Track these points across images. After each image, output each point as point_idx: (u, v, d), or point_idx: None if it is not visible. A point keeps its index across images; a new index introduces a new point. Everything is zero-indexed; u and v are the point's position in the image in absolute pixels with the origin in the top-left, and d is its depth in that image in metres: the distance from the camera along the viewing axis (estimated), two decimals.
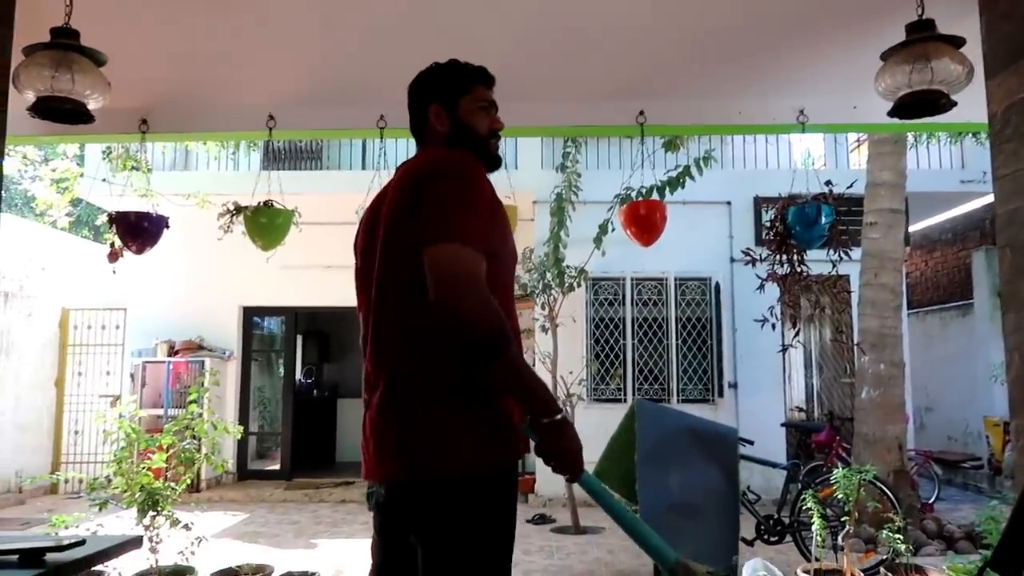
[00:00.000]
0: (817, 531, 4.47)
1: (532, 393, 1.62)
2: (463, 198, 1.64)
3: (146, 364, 8.70)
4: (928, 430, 10.21)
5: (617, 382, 8.50)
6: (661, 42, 2.99)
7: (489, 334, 1.52)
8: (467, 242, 1.57)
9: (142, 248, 3.52)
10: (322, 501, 8.18)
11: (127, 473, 4.33)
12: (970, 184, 8.77)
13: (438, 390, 1.62)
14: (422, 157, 1.84)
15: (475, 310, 1.52)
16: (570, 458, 1.64)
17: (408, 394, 1.64)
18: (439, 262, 1.55)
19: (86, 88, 2.57)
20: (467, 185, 1.67)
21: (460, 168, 1.70)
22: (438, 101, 1.89)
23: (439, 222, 1.59)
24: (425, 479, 1.61)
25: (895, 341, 6.58)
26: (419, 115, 1.93)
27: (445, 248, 1.56)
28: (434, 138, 1.89)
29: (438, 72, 1.94)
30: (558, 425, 1.62)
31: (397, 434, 1.64)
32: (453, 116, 1.88)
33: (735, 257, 8.15)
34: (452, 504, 1.59)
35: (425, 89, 1.93)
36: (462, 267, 1.55)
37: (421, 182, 1.68)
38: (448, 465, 1.60)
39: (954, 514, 7.00)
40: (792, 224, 3.32)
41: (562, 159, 7.78)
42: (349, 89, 3.36)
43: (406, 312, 1.65)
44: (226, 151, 9.20)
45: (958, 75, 2.43)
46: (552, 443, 1.62)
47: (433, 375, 1.62)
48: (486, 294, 1.55)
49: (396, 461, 1.65)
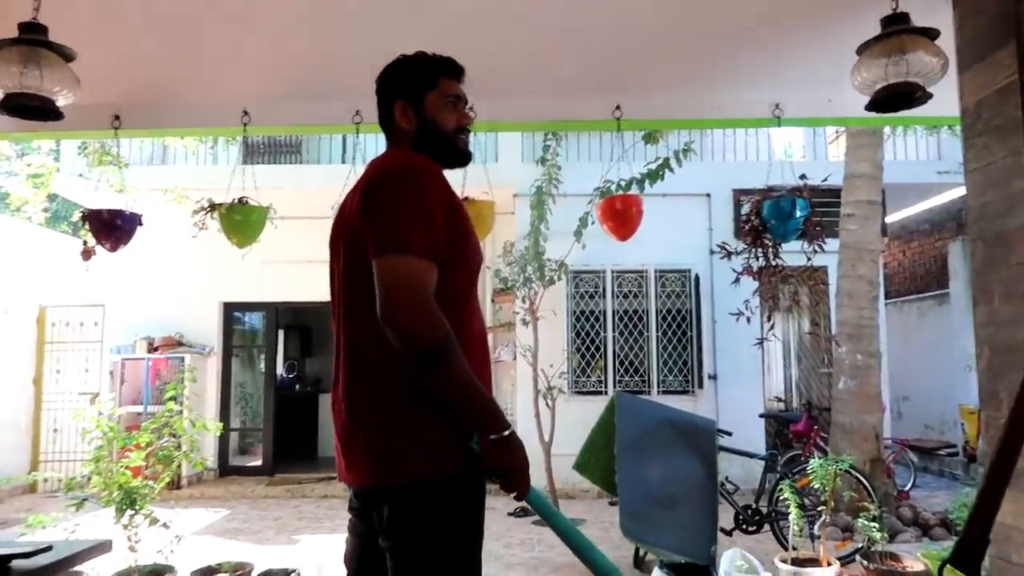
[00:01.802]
0: (794, 520, 4.52)
1: (476, 408, 1.59)
2: (410, 206, 1.62)
3: (125, 361, 8.62)
4: (905, 418, 10.34)
5: (598, 374, 8.54)
6: (637, 37, 3.00)
7: (426, 350, 1.51)
8: (412, 252, 1.56)
9: (116, 246, 3.48)
10: (304, 497, 8.16)
11: (105, 472, 4.29)
12: (947, 175, 8.87)
13: (399, 395, 1.61)
14: (379, 161, 1.81)
15: (412, 322, 1.52)
16: (518, 476, 1.61)
17: (370, 400, 1.64)
18: (381, 274, 1.56)
19: (55, 84, 2.53)
20: (415, 192, 1.64)
21: (408, 174, 1.68)
22: (403, 97, 1.84)
23: (384, 232, 1.59)
24: (390, 484, 1.60)
25: (872, 331, 6.65)
26: (386, 112, 1.88)
27: (387, 260, 1.56)
28: (401, 136, 1.85)
29: (403, 66, 1.88)
30: (505, 441, 1.58)
31: (362, 439, 1.64)
32: (419, 113, 1.83)
33: (714, 249, 8.19)
34: (417, 508, 1.59)
35: (391, 84, 1.88)
36: (402, 279, 1.54)
37: (371, 189, 1.67)
38: (411, 470, 1.59)
39: (930, 501, 7.11)
40: (768, 218, 3.34)
41: (542, 152, 7.78)
42: (324, 84, 3.34)
43: (365, 320, 1.62)
44: (204, 145, 9.11)
45: (933, 67, 2.45)
46: (498, 460, 1.59)
47: (394, 381, 1.61)
48: (427, 305, 1.54)
49: (362, 466, 1.65)
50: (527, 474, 1.63)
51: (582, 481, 5.57)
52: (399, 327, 1.52)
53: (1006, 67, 2.18)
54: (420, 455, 1.59)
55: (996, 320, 2.24)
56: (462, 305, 1.70)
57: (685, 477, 4.36)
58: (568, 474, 5.26)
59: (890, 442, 7.82)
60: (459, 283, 1.69)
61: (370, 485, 1.66)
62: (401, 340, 1.52)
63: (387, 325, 1.53)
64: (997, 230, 2.23)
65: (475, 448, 1.61)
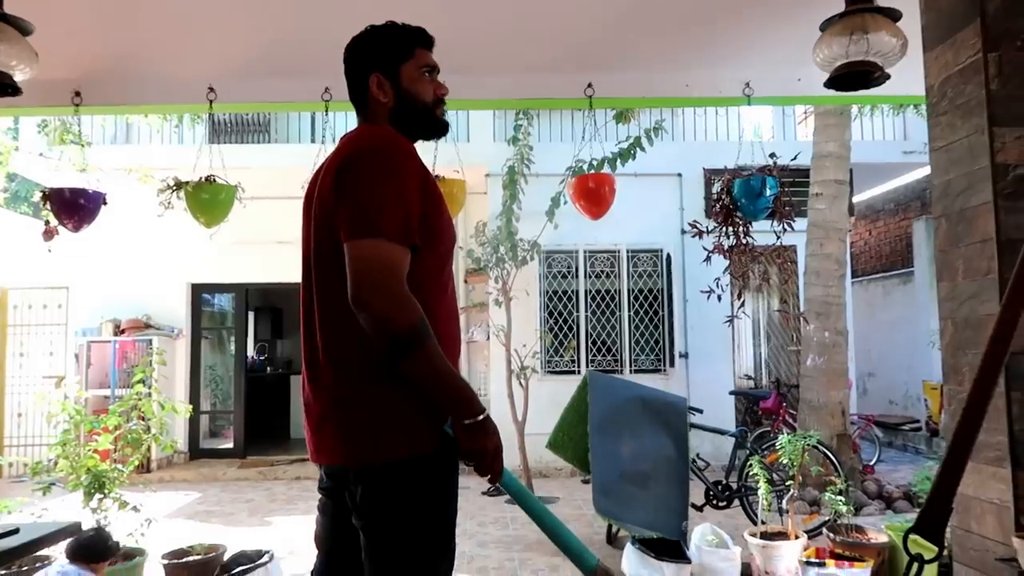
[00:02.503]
0: (763, 495, 4.61)
1: (450, 392, 1.58)
2: (385, 188, 1.58)
3: (91, 344, 8.47)
4: (870, 395, 10.56)
5: (571, 354, 8.58)
6: (609, 15, 2.99)
7: (398, 333, 1.50)
8: (384, 235, 1.54)
9: (79, 225, 3.41)
10: (276, 478, 8.12)
11: (72, 456, 4.23)
12: (912, 155, 9.00)
13: (369, 375, 1.59)
14: (351, 137, 1.76)
15: (384, 309, 1.50)
16: (491, 460, 1.61)
17: (340, 379, 1.62)
18: (353, 258, 1.54)
19: (11, 59, 2.47)
20: (389, 173, 1.60)
21: (381, 153, 1.63)
22: (378, 69, 1.78)
23: (357, 215, 1.56)
24: (363, 463, 1.59)
25: (839, 309, 6.76)
26: (359, 85, 1.82)
27: (360, 244, 1.54)
28: (377, 111, 1.80)
29: (375, 36, 1.81)
30: (479, 426, 1.58)
31: (335, 419, 1.62)
32: (396, 85, 1.78)
33: (685, 229, 8.25)
34: (391, 487, 1.58)
35: (363, 56, 1.81)
36: (375, 264, 1.52)
37: (343, 168, 1.63)
38: (385, 449, 1.58)
39: (893, 475, 7.28)
40: (738, 196, 3.37)
41: (514, 132, 7.74)
42: (293, 61, 3.29)
43: (335, 300, 1.60)
44: (169, 124, 8.92)
45: (892, 48, 2.48)
46: (472, 444, 1.58)
47: (364, 361, 1.59)
48: (400, 291, 1.52)
49: (334, 446, 1.64)
50: (500, 458, 1.63)
51: (555, 460, 5.61)
52: (371, 312, 1.50)
53: (970, 46, 2.21)
54: (394, 434, 1.58)
55: (958, 295, 2.29)
56: (435, 285, 1.69)
57: (657, 454, 4.41)
58: (541, 453, 5.29)
59: (856, 418, 7.99)
60: (432, 264, 1.68)
61: (343, 464, 1.64)
62: (373, 326, 1.51)
63: (359, 310, 1.51)
64: (960, 207, 2.27)
65: (448, 432, 1.61)
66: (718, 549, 4.27)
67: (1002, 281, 2.08)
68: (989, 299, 2.13)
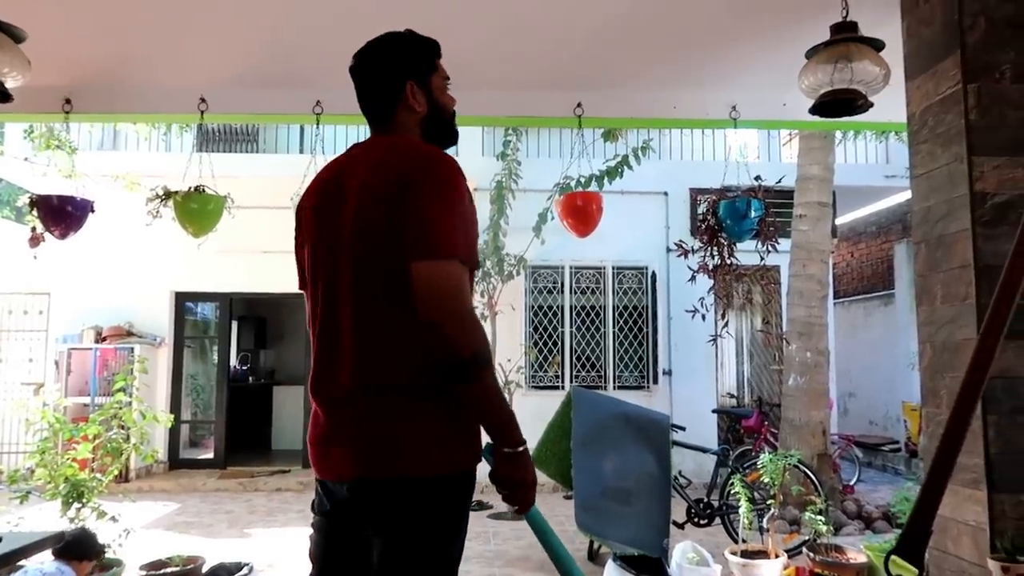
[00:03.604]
0: (744, 514, 4.63)
1: (501, 421, 1.58)
2: (452, 208, 1.56)
3: (72, 351, 8.38)
4: (850, 415, 10.64)
5: (555, 369, 8.60)
6: (599, 35, 3.03)
7: (468, 358, 1.49)
8: (456, 258, 1.53)
9: (65, 233, 3.40)
10: (257, 490, 8.05)
11: (50, 464, 4.19)
12: (894, 179, 9.12)
13: (414, 387, 1.57)
14: (397, 150, 1.67)
15: (458, 332, 1.49)
16: (526, 491, 1.61)
17: (383, 390, 1.58)
18: (428, 280, 1.50)
19: (3, 66, 2.48)
20: (454, 193, 1.58)
21: (446, 172, 1.60)
22: (412, 78, 1.73)
23: (427, 235, 1.52)
24: (401, 476, 1.55)
25: (821, 330, 6.83)
26: (388, 92, 1.74)
27: (434, 266, 1.51)
28: (408, 120, 1.74)
29: (405, 44, 1.76)
30: (520, 456, 1.59)
31: (373, 432, 1.57)
32: (428, 95, 1.75)
33: (671, 247, 8.31)
34: (423, 502, 1.55)
35: (396, 63, 1.74)
36: (450, 287, 1.51)
37: (405, 185, 1.56)
38: (422, 464, 1.55)
39: (873, 495, 7.33)
40: (723, 217, 3.42)
41: (503, 147, 7.79)
42: (285, 73, 3.31)
43: (382, 316, 1.57)
44: (157, 131, 8.89)
45: (875, 77, 2.54)
46: (511, 473, 1.59)
47: (409, 376, 1.56)
48: (472, 315, 1.53)
49: (371, 458, 1.57)
50: (535, 490, 1.63)
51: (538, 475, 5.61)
52: (447, 333, 1.48)
53: (950, 77, 2.27)
54: (439, 449, 1.57)
55: (937, 320, 2.33)
56: None
57: (639, 471, 4.43)
58: None
59: (836, 438, 8.05)
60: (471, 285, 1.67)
61: (376, 477, 1.57)
62: (446, 346, 1.49)
63: (435, 332, 1.49)
64: (939, 233, 2.32)
65: (488, 458, 1.62)
66: (699, 567, 4.29)
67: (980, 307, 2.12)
68: (967, 324, 2.18)
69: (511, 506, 1.64)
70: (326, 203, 1.69)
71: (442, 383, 1.54)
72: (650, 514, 4.36)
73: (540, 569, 4.90)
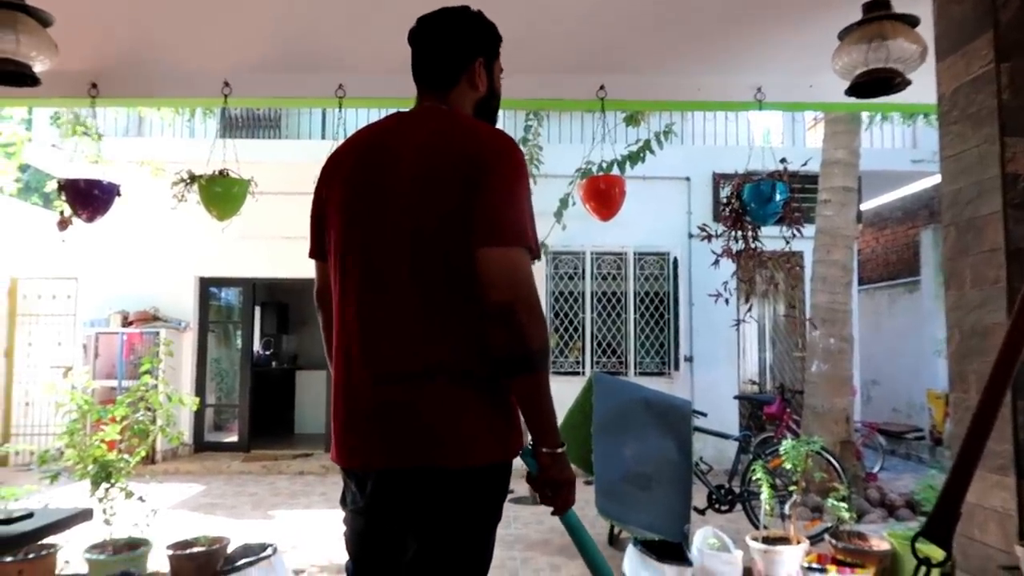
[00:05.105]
0: (766, 500, 4.61)
1: (546, 419, 1.55)
2: (523, 195, 1.55)
3: (99, 335, 8.51)
4: (874, 402, 10.54)
5: (576, 355, 8.59)
6: (622, 17, 3.00)
7: (531, 349, 1.47)
8: (527, 247, 1.52)
9: (93, 216, 3.44)
10: (280, 473, 8.15)
11: (79, 445, 4.26)
12: (920, 164, 8.99)
13: (468, 377, 1.53)
14: (463, 125, 1.62)
15: (527, 323, 1.46)
16: (567, 491, 1.60)
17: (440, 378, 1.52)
18: (501, 267, 1.47)
19: (31, 50, 2.50)
20: (524, 180, 1.57)
21: (520, 159, 1.58)
22: (483, 56, 1.73)
23: (501, 221, 1.50)
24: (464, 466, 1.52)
25: (845, 316, 6.76)
26: (455, 63, 1.70)
27: (507, 253, 1.49)
28: (465, 96, 1.72)
29: (482, 22, 1.75)
30: (562, 457, 1.57)
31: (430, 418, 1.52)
32: (490, 77, 1.75)
33: (693, 232, 8.25)
34: (480, 490, 1.54)
35: (472, 37, 1.73)
36: (523, 276, 1.49)
37: (476, 166, 1.52)
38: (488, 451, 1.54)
39: (896, 483, 7.27)
40: (748, 201, 3.38)
41: (524, 132, 7.75)
42: (308, 56, 3.31)
43: (442, 297, 1.53)
44: (181, 117, 8.97)
45: (912, 54, 2.49)
46: (554, 474, 1.57)
47: (466, 361, 1.53)
48: (540, 308, 1.51)
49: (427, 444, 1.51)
50: (574, 491, 1.61)
51: None
52: (514, 324, 1.45)
53: (982, 56, 2.22)
54: (490, 436, 1.55)
55: (966, 304, 2.30)
56: None
57: (660, 457, 4.42)
58: None
59: (860, 425, 7.98)
60: None
61: (433, 464, 1.51)
62: (514, 337, 1.46)
63: (504, 320, 1.46)
64: (969, 216, 2.28)
65: (528, 461, 1.61)
66: (720, 553, 4.28)
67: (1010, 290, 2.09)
68: (996, 308, 2.15)
69: (550, 505, 1.62)
70: (370, 167, 1.62)
71: (496, 373, 1.52)
72: (671, 500, 4.36)
73: (560, 553, 4.91)
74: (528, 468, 1.62)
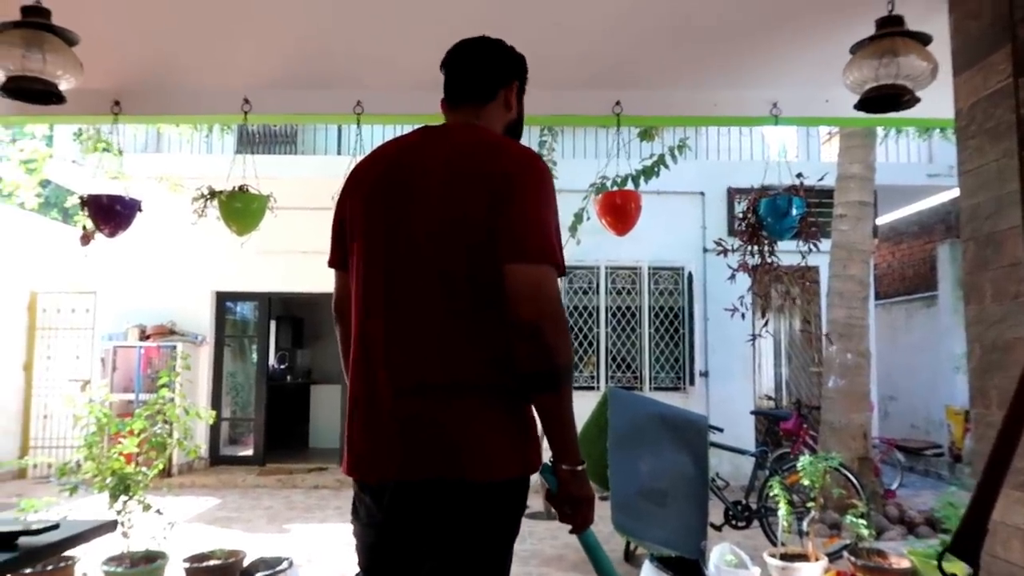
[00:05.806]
0: (783, 516, 4.57)
1: (568, 436, 1.56)
2: (550, 212, 1.57)
3: (117, 348, 8.59)
4: (892, 418, 10.43)
5: (591, 370, 8.58)
6: (637, 33, 3.02)
7: (557, 367, 1.48)
8: (554, 264, 1.53)
9: (115, 231, 3.49)
10: (295, 487, 8.17)
11: (98, 458, 4.30)
12: (937, 178, 8.94)
13: (492, 391, 1.54)
14: (491, 140, 1.65)
15: (554, 341, 1.47)
16: (587, 508, 1.60)
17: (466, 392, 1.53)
18: (528, 284, 1.48)
19: (57, 68, 2.54)
20: (551, 196, 1.59)
21: (545, 174, 1.61)
22: (519, 81, 1.82)
23: (528, 238, 1.51)
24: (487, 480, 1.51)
25: (862, 331, 6.71)
26: (498, 78, 1.76)
27: (535, 270, 1.50)
28: (497, 115, 1.76)
29: (516, 54, 1.83)
30: (582, 474, 1.58)
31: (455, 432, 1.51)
32: (519, 104, 1.82)
33: (708, 247, 8.25)
34: (498, 505, 1.54)
35: (510, 62, 1.81)
36: (550, 293, 1.50)
37: (505, 181, 1.54)
38: (502, 466, 1.54)
39: (915, 500, 7.18)
40: (764, 215, 3.38)
41: (538, 147, 7.79)
42: (326, 74, 3.36)
43: (466, 313, 1.54)
44: (199, 134, 9.08)
45: (922, 72, 2.49)
46: (574, 490, 1.57)
47: (490, 375, 1.54)
48: (566, 325, 1.52)
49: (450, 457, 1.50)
50: (593, 509, 1.61)
51: None
52: (542, 341, 1.46)
53: (1000, 71, 2.22)
54: (514, 452, 1.56)
55: (986, 319, 2.28)
56: None
57: (676, 472, 4.39)
58: None
59: (878, 441, 7.90)
60: None
61: (455, 477, 1.50)
62: (541, 353, 1.47)
63: (530, 336, 1.47)
64: (988, 231, 2.27)
65: (548, 478, 1.61)
66: (737, 569, 4.25)
67: None
68: (1017, 323, 2.13)
69: (569, 523, 1.62)
70: (395, 181, 1.63)
71: (519, 388, 1.52)
72: (687, 515, 4.33)
73: (575, 569, 4.89)
74: (548, 485, 1.61)
